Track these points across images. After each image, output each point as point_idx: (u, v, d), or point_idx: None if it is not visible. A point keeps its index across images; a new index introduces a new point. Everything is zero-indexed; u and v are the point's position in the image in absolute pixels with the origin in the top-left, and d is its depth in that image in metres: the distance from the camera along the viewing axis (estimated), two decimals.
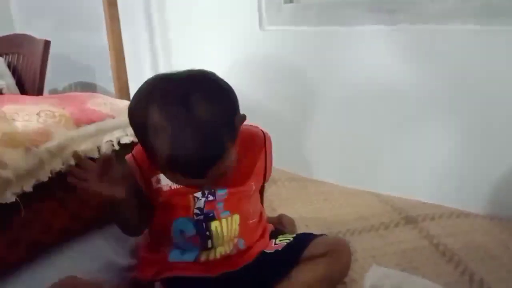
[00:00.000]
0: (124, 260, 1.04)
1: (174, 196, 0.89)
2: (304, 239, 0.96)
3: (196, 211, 0.90)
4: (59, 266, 0.94)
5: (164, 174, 0.83)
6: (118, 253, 1.04)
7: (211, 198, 0.90)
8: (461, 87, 1.31)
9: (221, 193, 0.90)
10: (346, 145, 1.59)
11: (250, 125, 0.95)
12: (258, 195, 1.01)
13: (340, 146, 1.60)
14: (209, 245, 0.92)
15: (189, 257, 0.92)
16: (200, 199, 0.89)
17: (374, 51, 1.45)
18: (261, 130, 0.97)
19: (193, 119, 0.72)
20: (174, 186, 0.88)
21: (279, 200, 1.37)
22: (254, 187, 0.95)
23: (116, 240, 1.05)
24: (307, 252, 0.93)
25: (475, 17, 1.26)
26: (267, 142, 0.96)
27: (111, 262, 1.01)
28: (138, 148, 0.92)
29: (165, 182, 0.89)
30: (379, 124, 1.49)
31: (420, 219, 1.26)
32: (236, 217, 0.93)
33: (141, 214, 0.90)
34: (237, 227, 0.93)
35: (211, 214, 0.90)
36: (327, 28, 1.56)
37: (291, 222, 1.20)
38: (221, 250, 0.93)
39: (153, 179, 0.90)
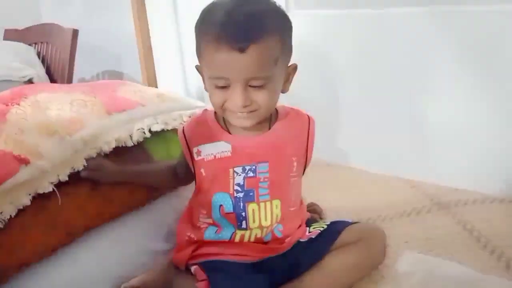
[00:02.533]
0: (158, 244, 1.06)
1: (215, 167, 0.92)
2: (338, 227, 0.96)
3: (236, 187, 0.91)
4: (96, 249, 0.96)
5: (207, 59, 0.83)
6: (152, 238, 1.06)
7: (251, 174, 0.90)
8: (498, 71, 1.27)
9: (263, 169, 0.90)
10: (376, 131, 1.57)
11: (296, 108, 0.99)
12: (300, 181, 1.01)
13: (370, 132, 1.58)
14: (244, 225, 0.92)
15: (224, 235, 0.93)
16: (240, 175, 0.90)
17: (405, 34, 1.42)
18: (306, 114, 0.99)
19: (251, 2, 0.81)
20: (218, 155, 0.91)
21: (308, 187, 1.37)
22: (295, 165, 0.94)
23: (150, 225, 1.07)
24: (340, 239, 0.93)
25: None
26: (310, 124, 0.97)
27: (146, 246, 1.03)
28: (188, 122, 0.99)
29: (211, 152, 0.92)
30: (410, 110, 1.46)
31: (452, 204, 1.24)
32: (277, 202, 0.93)
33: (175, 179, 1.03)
34: (279, 213, 0.93)
35: (251, 194, 0.91)
36: (356, 11, 1.53)
37: (321, 210, 1.19)
38: (257, 233, 0.93)
39: (194, 150, 0.93)
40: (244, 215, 0.92)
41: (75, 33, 1.97)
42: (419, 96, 1.44)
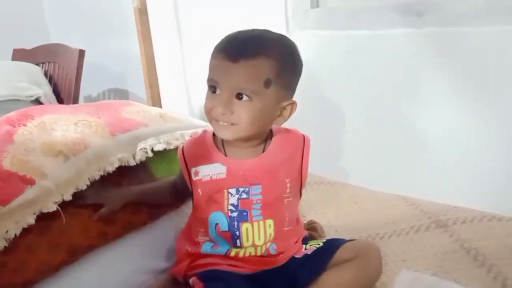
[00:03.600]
0: (159, 263, 1.08)
1: (211, 188, 0.95)
2: (334, 244, 0.97)
3: (230, 207, 0.94)
4: (98, 268, 0.98)
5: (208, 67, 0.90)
6: (153, 257, 1.08)
7: (244, 196, 0.94)
8: (492, 91, 1.30)
9: (256, 191, 0.94)
10: (374, 148, 1.59)
11: (291, 128, 1.02)
12: (296, 202, 1.03)
13: (369, 150, 1.60)
14: (238, 244, 0.95)
15: (220, 250, 0.97)
16: (234, 196, 0.94)
17: (402, 55, 1.45)
18: (302, 133, 1.02)
19: (261, 29, 0.91)
20: (214, 177, 0.95)
21: (308, 204, 1.38)
22: (289, 186, 0.97)
23: (152, 244, 1.09)
24: (336, 257, 0.94)
25: (507, 16, 1.24)
26: (305, 144, 0.99)
27: (147, 265, 1.05)
28: (187, 143, 1.04)
29: (207, 173, 0.96)
30: (408, 128, 1.49)
31: (450, 222, 1.25)
32: (270, 222, 0.95)
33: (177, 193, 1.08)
34: (272, 232, 0.96)
35: (245, 213, 0.94)
36: (354, 32, 1.56)
37: (321, 228, 1.21)
38: (251, 251, 0.96)
39: (192, 171, 0.97)
40: (238, 234, 0.95)
41: (81, 53, 2.02)
42: (417, 114, 1.46)
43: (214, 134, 0.99)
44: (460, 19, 1.32)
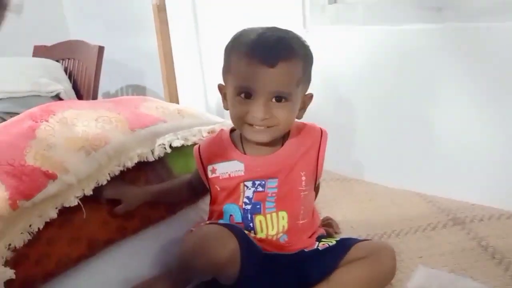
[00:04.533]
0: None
1: (229, 184, 0.97)
2: (347, 244, 0.96)
3: (245, 199, 0.96)
4: (116, 261, 1.00)
5: (236, 72, 0.91)
6: (169, 251, 1.10)
7: (260, 189, 0.95)
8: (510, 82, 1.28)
9: (271, 185, 0.95)
10: (392, 145, 1.58)
11: (310, 122, 1.04)
12: (312, 195, 1.03)
13: (385, 146, 1.60)
14: (252, 234, 0.97)
15: None
16: (250, 189, 0.96)
17: (419, 50, 1.44)
18: (319, 127, 1.03)
19: (280, 30, 0.92)
20: (232, 174, 0.97)
21: (323, 200, 1.39)
22: (304, 179, 0.97)
23: (168, 238, 1.11)
24: (349, 255, 0.93)
25: None
26: (323, 137, 1.00)
27: (164, 258, 1.07)
28: (205, 140, 1.07)
29: (225, 171, 0.98)
30: (426, 124, 1.48)
31: (468, 220, 1.25)
32: (284, 214, 0.96)
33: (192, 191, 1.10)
34: (286, 224, 0.96)
35: (258, 206, 0.96)
36: (372, 28, 1.56)
37: (337, 225, 1.21)
38: (264, 238, 0.97)
39: (209, 168, 1.00)
40: (252, 226, 0.97)
41: (101, 49, 2.04)
42: (434, 111, 1.45)
43: (231, 132, 1.01)
44: (479, 14, 1.31)
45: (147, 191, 1.06)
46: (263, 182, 0.95)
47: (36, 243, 0.90)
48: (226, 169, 0.98)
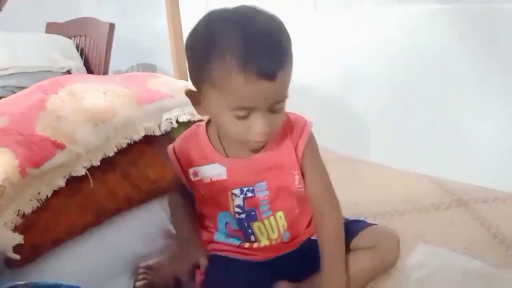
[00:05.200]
0: None
1: (213, 190, 0.88)
2: (351, 230, 0.92)
3: (236, 209, 0.88)
4: (122, 230, 1.03)
5: (227, 89, 0.74)
6: None
7: (250, 194, 0.87)
8: None
9: (261, 188, 0.87)
10: (398, 126, 1.58)
11: (292, 113, 0.91)
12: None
13: (393, 127, 1.60)
14: (252, 239, 0.91)
15: (233, 241, 0.92)
16: (239, 196, 0.87)
17: (432, 31, 1.43)
18: (304, 118, 0.91)
19: (261, 23, 0.75)
20: (214, 178, 0.87)
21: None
22: (297, 178, 0.89)
23: None
24: (354, 243, 0.91)
25: None
26: (305, 128, 0.89)
27: (168, 229, 1.09)
28: (179, 140, 0.94)
29: (207, 175, 0.88)
30: (433, 105, 1.47)
31: (472, 201, 1.24)
32: (280, 214, 0.90)
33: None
34: (285, 223, 0.91)
35: (253, 213, 0.89)
36: (382, 9, 1.54)
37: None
38: (265, 243, 0.91)
39: (190, 171, 0.89)
40: (250, 232, 0.90)
41: (111, 27, 2.05)
42: (444, 93, 1.44)
43: (207, 126, 0.90)
44: None
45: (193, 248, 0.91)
46: (251, 188, 0.87)
47: (44, 210, 0.93)
48: (207, 173, 0.88)
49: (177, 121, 1.17)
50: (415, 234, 1.11)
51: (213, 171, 0.87)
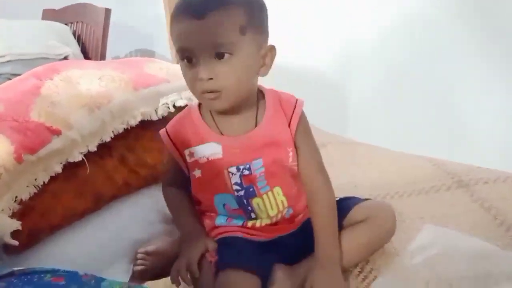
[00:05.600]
0: None
1: (210, 169, 0.88)
2: (347, 205, 0.94)
3: (235, 186, 0.88)
4: (121, 216, 1.03)
5: (172, 33, 0.80)
6: None
7: (246, 172, 0.87)
8: None
9: (257, 166, 0.87)
10: (398, 108, 1.57)
11: (285, 93, 0.92)
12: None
13: (393, 109, 1.59)
14: (253, 216, 0.90)
15: (235, 223, 0.91)
16: (235, 174, 0.87)
17: (433, 13, 1.41)
18: (294, 97, 0.91)
19: None
20: (211, 157, 0.87)
21: (329, 163, 1.38)
22: (291, 155, 0.89)
23: None
24: (349, 217, 0.92)
25: None
26: (296, 107, 0.89)
27: (167, 216, 1.09)
28: (171, 123, 0.93)
29: (202, 155, 0.87)
30: (432, 86, 1.46)
31: (472, 183, 1.24)
32: (278, 190, 0.90)
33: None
34: (284, 199, 0.91)
35: (251, 189, 0.88)
36: None
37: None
38: (267, 221, 0.91)
39: (186, 153, 0.89)
40: (250, 209, 0.90)
41: (107, 12, 2.04)
42: (443, 75, 1.43)
43: (200, 111, 0.90)
44: None
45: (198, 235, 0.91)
46: (248, 165, 0.87)
47: (42, 196, 0.93)
48: (203, 153, 0.87)
49: (174, 106, 1.15)
50: (414, 217, 1.11)
51: (208, 150, 0.87)
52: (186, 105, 1.16)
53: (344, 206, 0.94)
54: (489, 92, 1.34)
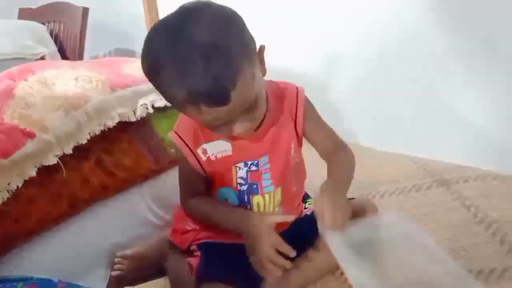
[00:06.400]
0: (158, 217, 1.10)
1: (219, 166, 0.87)
2: None
3: (239, 180, 0.88)
4: (99, 219, 1.01)
5: (193, 115, 0.73)
6: (154, 212, 1.10)
7: (254, 168, 0.88)
8: (503, 54, 1.26)
9: (264, 161, 0.88)
10: (379, 106, 1.57)
11: (283, 81, 0.92)
12: (301, 157, 0.97)
13: (375, 109, 1.59)
14: None
15: None
16: (242, 169, 0.88)
17: (415, 13, 1.41)
18: (294, 84, 0.91)
19: (193, 43, 0.66)
20: (219, 155, 0.86)
21: (310, 162, 1.38)
22: (293, 146, 0.91)
23: (153, 200, 1.11)
24: None
25: None
26: (299, 95, 0.90)
27: (147, 219, 1.07)
28: (178, 123, 0.89)
29: (212, 152, 0.87)
30: (413, 85, 1.46)
31: (453, 181, 1.24)
32: (279, 190, 0.91)
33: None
34: (279, 197, 0.92)
35: (255, 186, 0.89)
36: None
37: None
38: None
39: (199, 151, 0.87)
40: (249, 208, 0.89)
41: (85, 11, 2.00)
42: (424, 74, 1.43)
43: None
44: None
45: None
46: (256, 161, 0.88)
47: (15, 201, 0.90)
48: (212, 150, 0.86)
49: (153, 106, 1.13)
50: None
51: (218, 148, 0.86)
52: (166, 106, 1.15)
53: None
54: (469, 90, 1.35)
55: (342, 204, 0.79)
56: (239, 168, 0.88)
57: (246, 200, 0.90)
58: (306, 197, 1.04)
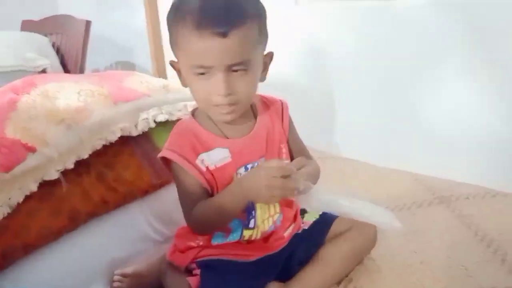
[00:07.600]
0: (158, 232, 1.10)
1: (220, 175, 0.87)
2: (330, 217, 0.97)
3: None
4: (98, 234, 1.00)
5: (187, 46, 0.79)
6: (153, 227, 1.10)
7: None
8: (501, 67, 1.27)
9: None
10: (381, 124, 1.57)
11: (267, 95, 0.97)
12: None
13: (375, 125, 1.59)
14: (251, 224, 0.85)
15: (232, 238, 0.90)
16: (243, 173, 0.88)
17: (409, 27, 1.42)
18: (279, 99, 0.98)
19: None
20: (219, 164, 0.86)
21: None
22: (284, 151, 0.94)
23: (152, 215, 1.11)
24: (333, 229, 0.94)
25: None
26: (284, 109, 0.96)
27: (147, 235, 1.06)
28: (170, 142, 0.89)
29: (211, 161, 0.86)
30: (415, 104, 1.47)
31: (453, 198, 1.25)
32: None
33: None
34: (277, 204, 0.92)
35: None
36: (362, 3, 1.53)
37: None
38: (262, 229, 0.91)
39: (198, 161, 0.86)
40: (253, 214, 0.85)
41: (88, 24, 2.01)
42: (423, 90, 1.44)
43: (196, 119, 0.90)
44: None
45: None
46: (255, 164, 0.89)
47: (16, 216, 0.90)
48: (211, 160, 0.86)
49: (154, 121, 1.13)
50: (396, 233, 1.11)
51: (217, 156, 0.87)
52: (167, 120, 1.15)
53: (327, 218, 0.98)
54: (468, 105, 1.36)
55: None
56: (240, 174, 0.88)
57: (250, 204, 0.87)
58: (303, 211, 1.04)
